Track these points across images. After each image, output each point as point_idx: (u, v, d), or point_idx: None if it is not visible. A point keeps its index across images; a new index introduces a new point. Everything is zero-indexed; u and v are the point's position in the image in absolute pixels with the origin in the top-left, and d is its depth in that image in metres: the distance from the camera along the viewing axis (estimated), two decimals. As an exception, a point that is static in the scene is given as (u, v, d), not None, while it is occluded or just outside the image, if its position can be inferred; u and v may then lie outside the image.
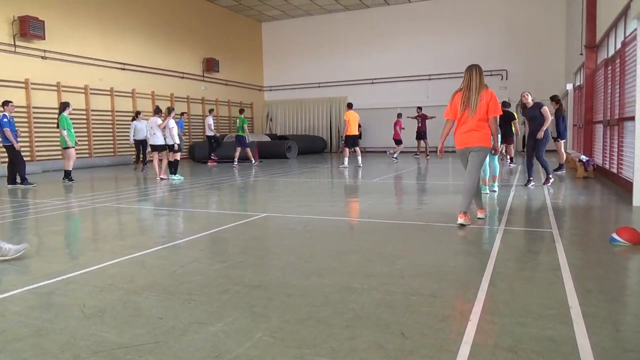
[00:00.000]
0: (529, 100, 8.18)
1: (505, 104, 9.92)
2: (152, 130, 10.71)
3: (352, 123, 12.96)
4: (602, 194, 7.28)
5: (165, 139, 10.65)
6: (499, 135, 5.74)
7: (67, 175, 10.26)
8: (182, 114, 15.18)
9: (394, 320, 2.44)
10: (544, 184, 8.09)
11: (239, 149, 14.20)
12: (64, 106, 10.33)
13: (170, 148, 10.74)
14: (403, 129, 16.42)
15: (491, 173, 7.33)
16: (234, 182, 9.96)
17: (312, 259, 3.71)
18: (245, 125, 14.30)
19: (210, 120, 15.68)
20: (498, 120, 5.16)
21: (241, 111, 15.20)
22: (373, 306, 2.65)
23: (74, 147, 10.33)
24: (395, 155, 16.21)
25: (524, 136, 13.70)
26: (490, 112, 4.89)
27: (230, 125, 21.24)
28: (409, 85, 21.69)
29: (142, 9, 17.33)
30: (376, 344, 2.18)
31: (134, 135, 13.27)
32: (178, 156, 10.82)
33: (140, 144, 13.37)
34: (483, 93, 4.87)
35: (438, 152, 5.32)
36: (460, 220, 4.84)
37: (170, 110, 10.86)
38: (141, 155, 13.56)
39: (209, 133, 15.64)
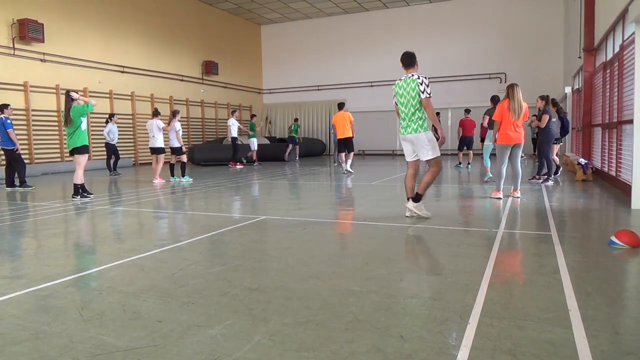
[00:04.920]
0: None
1: (495, 99, 9.80)
2: (152, 133, 10.59)
3: (338, 125, 12.09)
4: (600, 197, 7.29)
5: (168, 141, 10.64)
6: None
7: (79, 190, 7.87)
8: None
9: (392, 324, 2.44)
10: (539, 180, 8.86)
11: (290, 146, 18.34)
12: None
13: (175, 151, 10.69)
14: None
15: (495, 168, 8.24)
16: (233, 185, 9.95)
17: (310, 262, 3.71)
18: (299, 129, 19.33)
19: (232, 122, 14.95)
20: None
21: (296, 120, 19.70)
22: (372, 309, 2.65)
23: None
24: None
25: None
26: (525, 117, 6.80)
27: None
28: (408, 88, 21.67)
29: (142, 12, 17.35)
30: (375, 347, 2.17)
31: (111, 140, 12.75)
32: (184, 158, 10.79)
33: (111, 149, 12.83)
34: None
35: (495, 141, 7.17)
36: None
37: (175, 113, 10.75)
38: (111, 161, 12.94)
39: (234, 135, 14.90)
